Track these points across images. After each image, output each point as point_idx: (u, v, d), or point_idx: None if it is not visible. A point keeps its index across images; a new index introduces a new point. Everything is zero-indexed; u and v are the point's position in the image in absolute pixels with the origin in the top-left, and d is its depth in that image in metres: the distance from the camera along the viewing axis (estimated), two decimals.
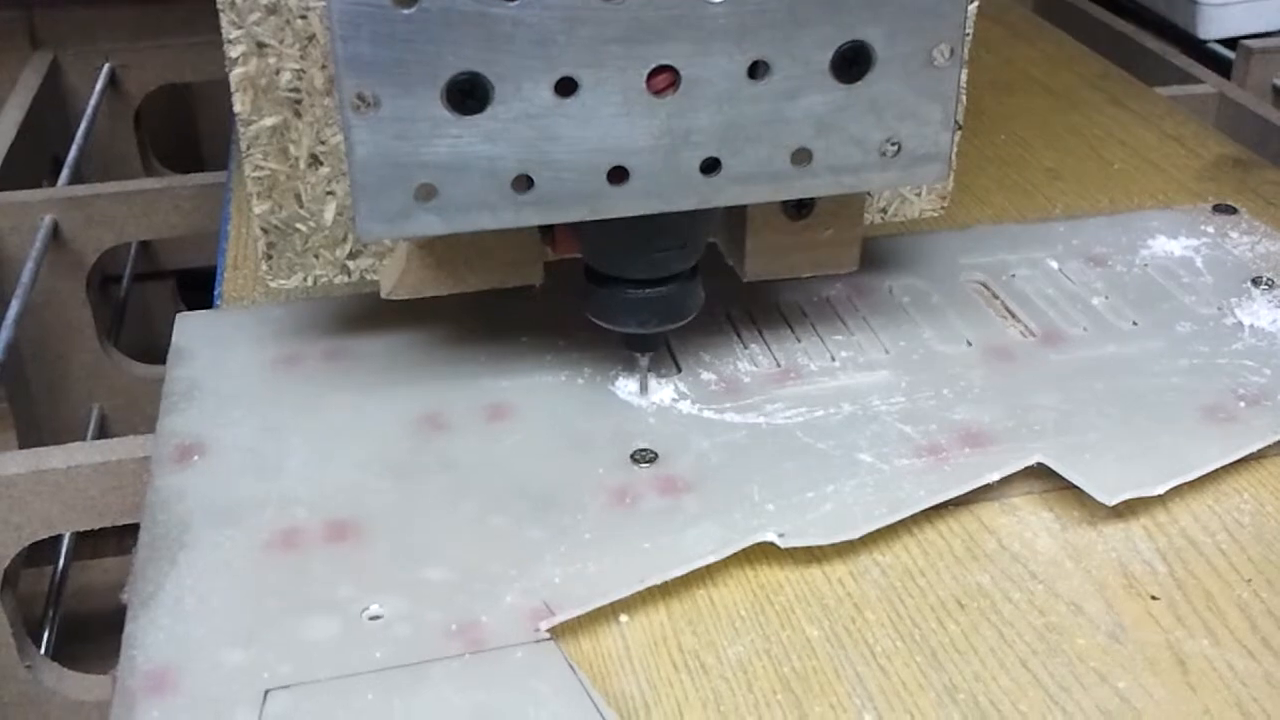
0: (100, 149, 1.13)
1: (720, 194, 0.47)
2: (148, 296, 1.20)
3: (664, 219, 0.47)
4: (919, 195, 0.59)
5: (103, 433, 0.97)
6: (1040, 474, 0.50)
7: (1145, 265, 0.62)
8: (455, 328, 0.57)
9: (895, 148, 0.47)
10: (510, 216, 0.45)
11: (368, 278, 0.55)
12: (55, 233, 0.89)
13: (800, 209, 0.53)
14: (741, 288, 0.59)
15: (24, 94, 1.03)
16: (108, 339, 1.00)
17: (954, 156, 0.52)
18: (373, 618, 0.42)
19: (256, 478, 0.48)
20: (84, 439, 0.96)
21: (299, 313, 0.58)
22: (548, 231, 0.51)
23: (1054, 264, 0.62)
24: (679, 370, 0.54)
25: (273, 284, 0.54)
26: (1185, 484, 0.49)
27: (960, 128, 0.55)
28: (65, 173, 0.98)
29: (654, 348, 0.52)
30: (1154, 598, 0.45)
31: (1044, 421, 0.51)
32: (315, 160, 0.51)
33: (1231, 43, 0.98)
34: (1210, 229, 0.65)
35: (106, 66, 1.12)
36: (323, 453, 0.49)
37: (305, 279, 0.54)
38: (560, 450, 0.50)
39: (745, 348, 0.56)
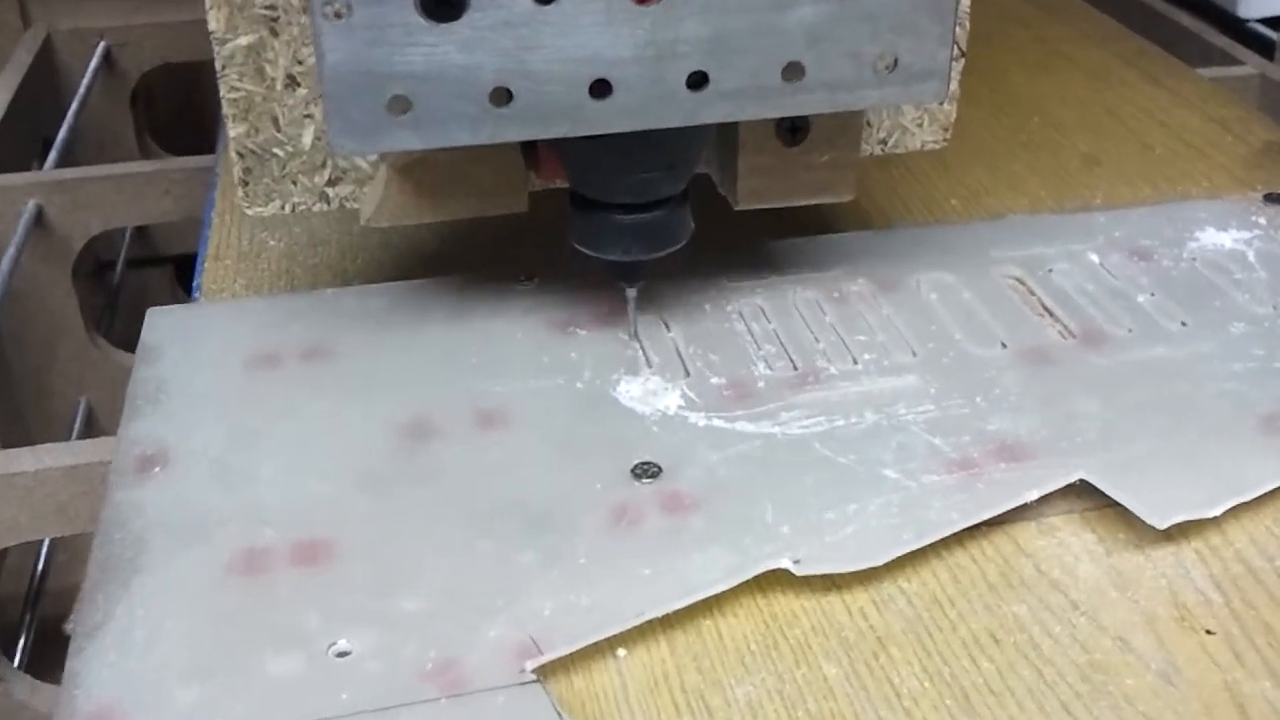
0: (95, 130, 1.10)
1: (708, 111, 0.44)
2: (144, 283, 1.16)
3: (650, 138, 0.45)
4: (920, 126, 0.56)
5: (89, 426, 0.94)
6: (1081, 490, 0.45)
7: (1193, 259, 0.57)
8: (446, 324, 0.53)
9: (891, 62, 0.45)
10: (489, 131, 0.43)
11: (348, 205, 0.53)
12: (39, 218, 0.85)
13: (794, 134, 0.51)
14: (757, 284, 0.55)
15: (14, 73, 1.00)
16: (96, 329, 0.96)
17: (954, 81, 0.51)
18: (340, 653, 0.38)
19: (222, 491, 0.44)
20: (70, 433, 0.93)
21: (279, 307, 0.54)
22: (531, 155, 0.50)
23: (1095, 258, 0.57)
24: (686, 374, 0.50)
25: (249, 211, 0.52)
26: (1242, 503, 0.44)
27: (963, 55, 0.53)
28: (53, 155, 0.94)
29: (641, 278, 0.51)
30: (1209, 632, 0.41)
31: (1086, 433, 0.46)
32: (292, 81, 0.50)
33: (1274, 22, 0.94)
34: (1262, 220, 0.60)
35: (102, 45, 1.08)
36: (296, 463, 0.45)
37: (283, 206, 0.52)
38: (555, 463, 0.45)
39: (759, 348, 0.51)
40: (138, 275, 1.16)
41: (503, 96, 0.43)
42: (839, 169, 0.52)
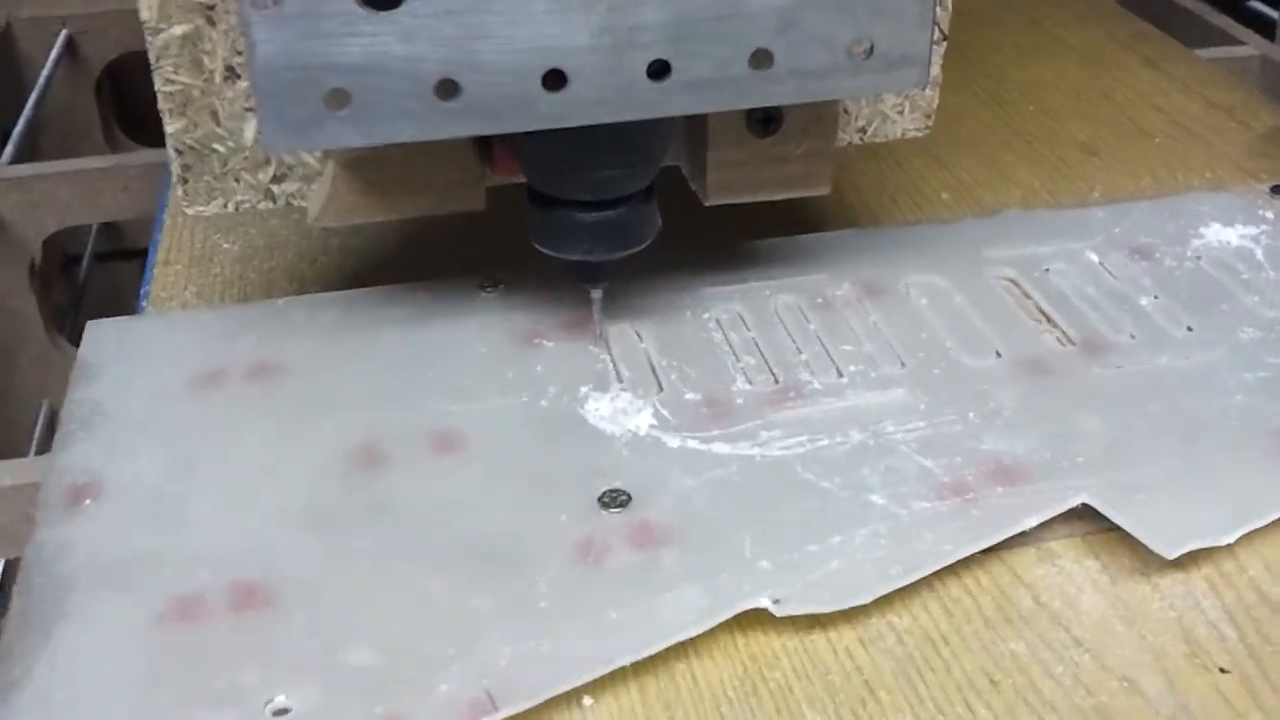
0: (58, 123, 1.06)
1: (671, 102, 0.42)
2: (113, 278, 1.13)
3: (610, 132, 0.42)
4: (901, 114, 0.53)
5: (52, 430, 0.90)
6: (1083, 511, 0.42)
7: (1198, 258, 0.54)
8: (402, 336, 0.49)
9: (867, 49, 0.42)
10: (435, 127, 0.41)
11: (295, 203, 0.50)
12: None
13: (766, 125, 0.48)
14: (736, 288, 0.51)
15: None
16: (60, 329, 0.93)
17: (935, 65, 0.49)
18: (279, 711, 0.35)
19: (156, 528, 0.41)
20: (31, 438, 0.89)
21: (226, 319, 0.51)
22: (485, 150, 0.47)
23: (1094, 256, 0.54)
24: (659, 388, 0.47)
25: (190, 211, 0.49)
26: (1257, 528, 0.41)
27: (945, 38, 0.50)
28: (10, 149, 0.90)
29: (605, 279, 0.48)
30: (1223, 670, 0.38)
31: (1088, 452, 0.43)
32: (232, 73, 0.47)
33: (1274, 1, 0.90)
34: (1269, 214, 0.57)
35: (63, 33, 1.04)
36: (236, 496, 0.42)
37: (226, 204, 0.49)
38: (515, 492, 0.42)
39: (738, 360, 0.48)
40: (106, 270, 1.12)
41: (449, 89, 0.40)
42: (814, 160, 0.50)
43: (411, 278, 0.53)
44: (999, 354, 0.48)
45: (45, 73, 1.00)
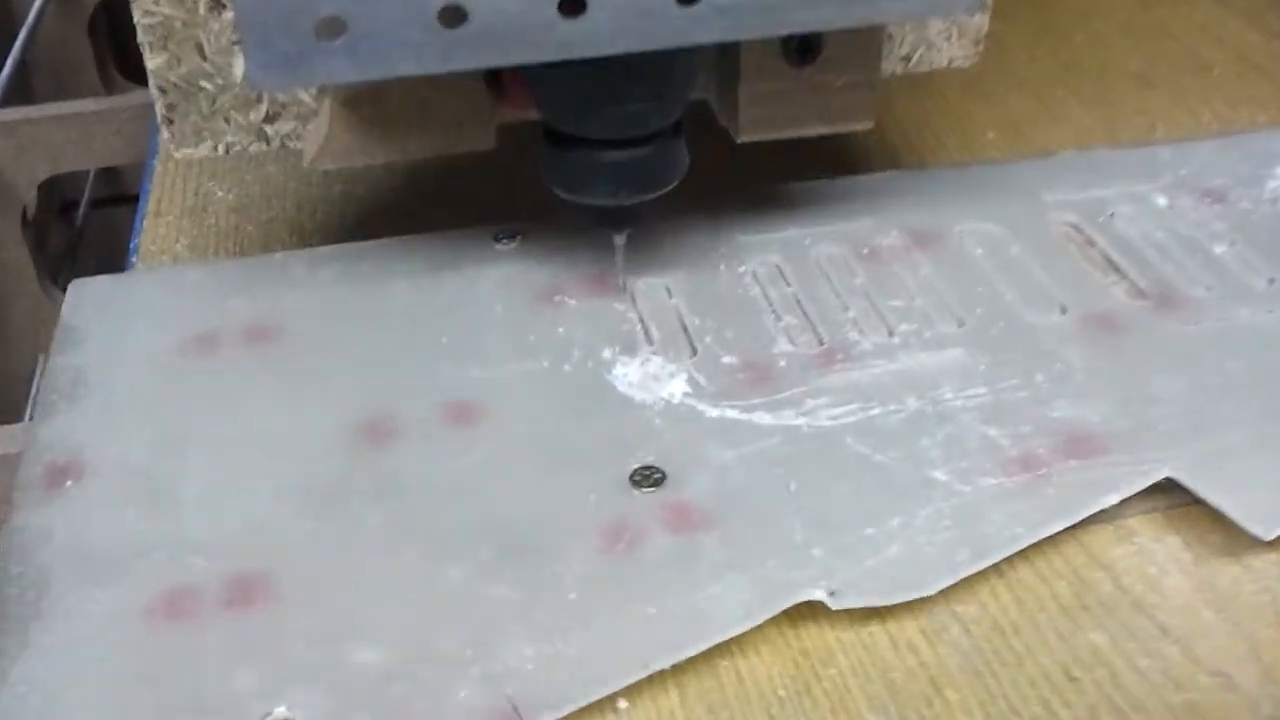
0: (50, 62, 1.01)
1: (701, 29, 0.38)
2: (111, 223, 1.09)
3: (633, 63, 0.38)
4: (948, 40, 0.49)
5: None
6: (1163, 483, 0.38)
7: (1274, 201, 0.49)
8: (411, 295, 0.45)
9: None
10: (438, 59, 0.37)
11: (290, 145, 0.46)
12: None
13: (805, 54, 0.44)
14: (773, 237, 0.47)
15: None
16: (54, 281, 0.89)
17: None
18: None
19: (144, 512, 0.37)
20: (27, 393, 0.86)
21: (220, 276, 0.47)
22: (496, 83, 0.43)
23: (1162, 200, 0.49)
24: (693, 352, 0.43)
25: (177, 154, 0.45)
26: None
27: None
28: None
29: (630, 224, 0.44)
30: None
31: (1169, 419, 0.39)
32: (217, 2, 0.43)
33: None
34: None
35: None
36: (233, 475, 0.38)
37: (216, 146, 0.46)
38: (538, 468, 0.38)
39: (778, 319, 0.44)
40: (105, 216, 1.08)
41: (455, 16, 0.36)
42: (857, 92, 0.45)
43: (420, 229, 0.49)
44: (1064, 309, 0.44)
45: (35, 8, 0.96)
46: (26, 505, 0.37)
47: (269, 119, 0.45)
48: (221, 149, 0.45)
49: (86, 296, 0.46)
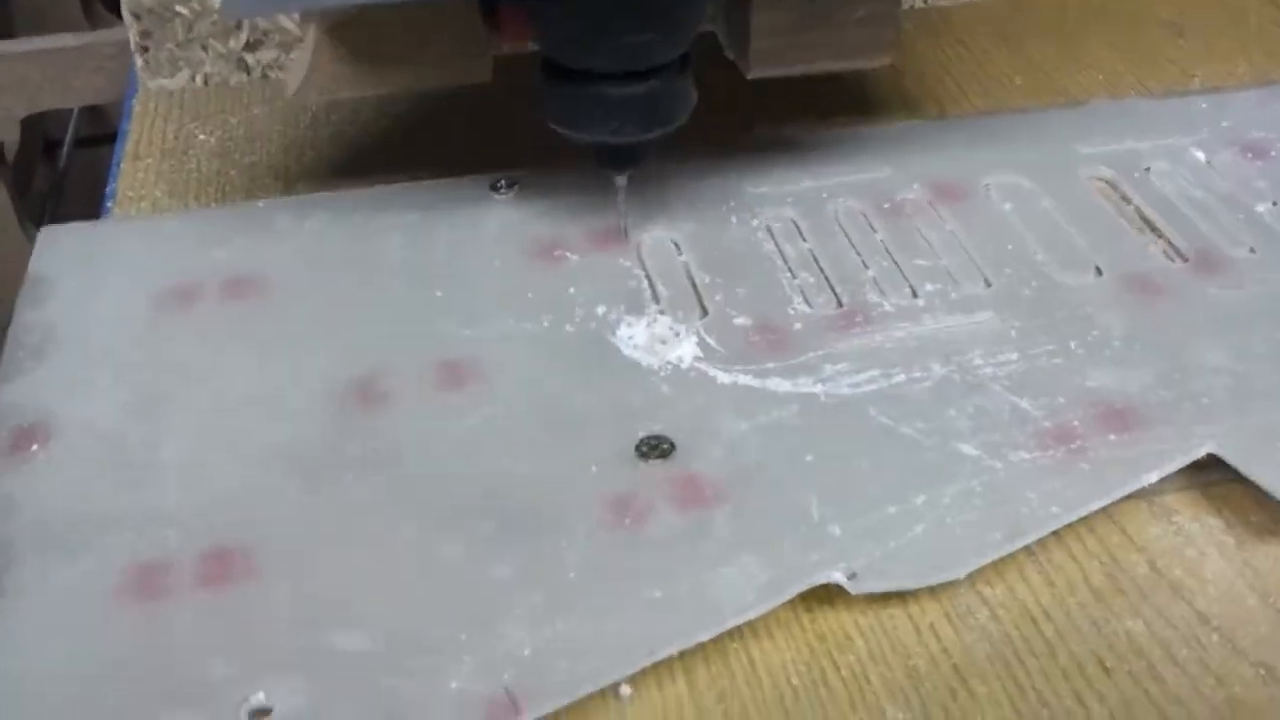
0: None
1: None
2: (96, 163, 1.05)
3: None
4: None
5: None
6: (1204, 460, 0.36)
7: None
8: (404, 247, 0.43)
9: None
10: None
11: (272, 75, 0.42)
12: None
13: None
14: (788, 190, 0.44)
15: None
16: (37, 222, 0.86)
17: None
18: (256, 712, 0.29)
19: (116, 480, 0.35)
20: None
21: (201, 226, 0.44)
22: (491, 11, 0.41)
23: (1200, 155, 0.46)
24: (703, 312, 0.40)
25: (151, 84, 0.43)
26: None
27: None
28: None
29: (632, 165, 0.41)
30: None
31: (1211, 389, 0.37)
32: None
33: None
34: None
35: None
36: (211, 440, 0.36)
37: (193, 76, 0.43)
38: (538, 436, 0.36)
39: (794, 277, 0.41)
40: (89, 155, 1.05)
41: None
42: (876, 25, 0.43)
43: (414, 175, 0.47)
44: (1099, 270, 0.41)
45: None
46: None
47: (249, 47, 0.42)
48: (199, 79, 0.42)
49: (57, 246, 0.44)
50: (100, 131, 1.07)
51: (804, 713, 0.31)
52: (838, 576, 0.32)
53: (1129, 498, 0.35)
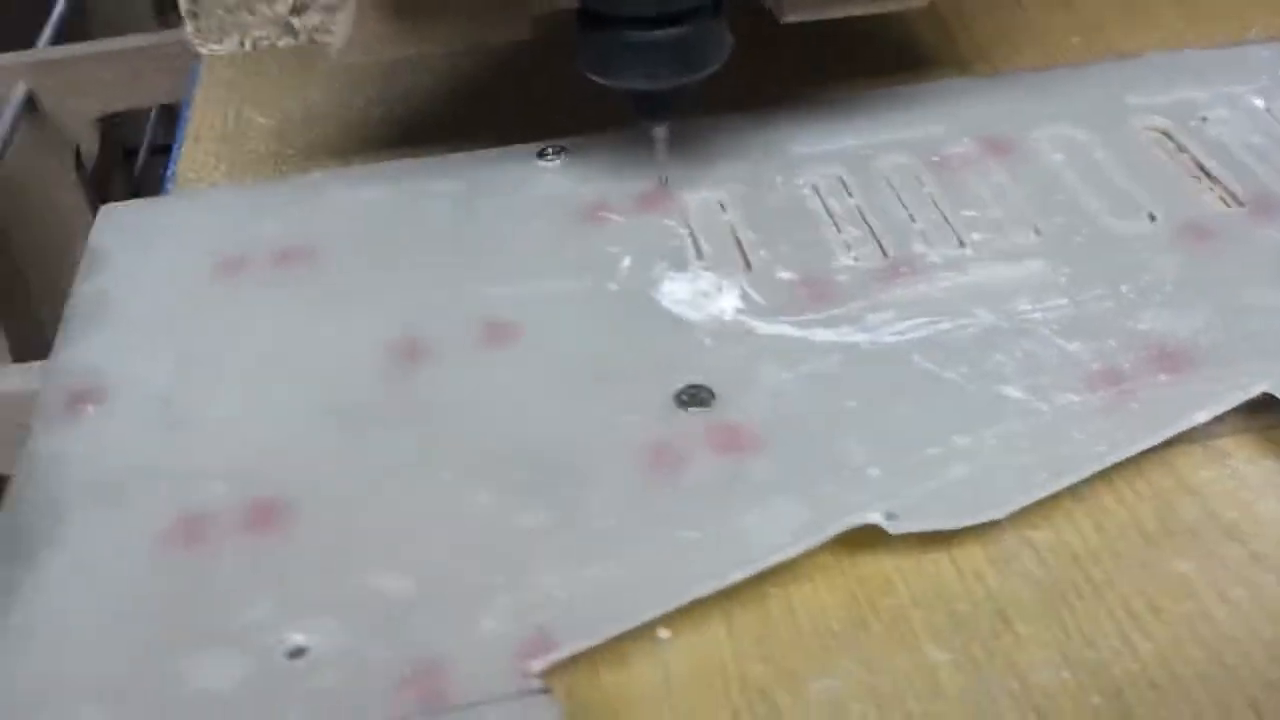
0: (107, 3, 1.00)
1: None
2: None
3: None
4: None
5: None
6: (1258, 402, 0.35)
7: None
8: (450, 214, 0.43)
9: None
10: None
11: (317, 39, 0.43)
12: (31, 104, 0.76)
13: None
14: (835, 149, 0.44)
15: None
16: None
17: None
18: (293, 652, 0.29)
19: (165, 437, 0.35)
20: None
21: (254, 199, 0.45)
22: None
23: (1259, 102, 0.45)
24: (747, 266, 0.40)
25: (204, 50, 0.44)
26: None
27: None
28: (48, 31, 0.85)
29: (669, 113, 0.41)
30: None
31: (1266, 330, 0.36)
32: None
33: None
34: None
35: None
36: (257, 399, 0.36)
37: (242, 42, 0.44)
38: (577, 389, 0.36)
39: (839, 231, 0.41)
40: (166, 160, 1.07)
41: None
42: None
43: (465, 147, 0.47)
44: (1152, 217, 0.40)
45: None
46: (45, 431, 0.36)
47: (295, 11, 0.42)
48: (248, 44, 0.43)
49: (115, 221, 0.45)
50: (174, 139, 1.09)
51: (844, 654, 0.30)
52: (875, 517, 0.31)
53: (1182, 441, 0.34)
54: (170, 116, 1.05)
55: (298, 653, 0.29)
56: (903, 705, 0.29)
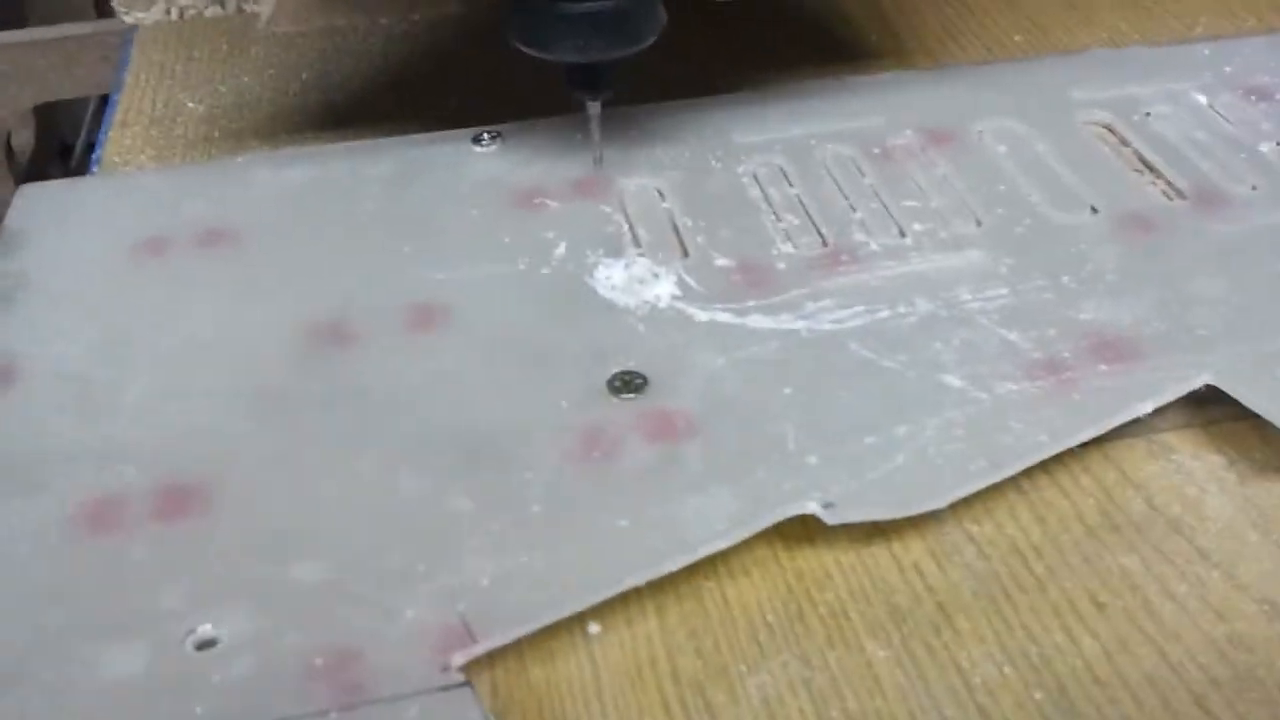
0: None
1: None
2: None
3: None
4: None
5: None
6: (1204, 396, 0.34)
7: None
8: (380, 198, 0.42)
9: None
10: None
11: (246, 8, 0.41)
12: None
13: None
14: (776, 139, 0.43)
15: None
16: None
17: None
18: (202, 644, 0.28)
19: (77, 419, 0.34)
20: None
21: (178, 181, 0.44)
22: None
23: (1201, 98, 0.45)
24: (684, 254, 0.39)
25: (127, 18, 0.42)
26: None
27: None
28: None
29: (603, 87, 0.40)
30: None
31: (1209, 321, 0.35)
32: None
33: None
34: None
35: None
36: (176, 380, 0.35)
37: (168, 10, 0.42)
38: (507, 374, 0.35)
39: (778, 220, 0.40)
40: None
41: None
42: None
43: (399, 133, 0.46)
44: (1094, 209, 0.40)
45: None
46: None
47: None
48: (174, 13, 0.41)
49: (34, 202, 0.43)
50: None
51: (779, 649, 0.29)
52: (812, 506, 0.30)
53: (1126, 436, 0.34)
54: (107, 104, 1.04)
55: (208, 643, 0.28)
56: (841, 702, 0.28)
